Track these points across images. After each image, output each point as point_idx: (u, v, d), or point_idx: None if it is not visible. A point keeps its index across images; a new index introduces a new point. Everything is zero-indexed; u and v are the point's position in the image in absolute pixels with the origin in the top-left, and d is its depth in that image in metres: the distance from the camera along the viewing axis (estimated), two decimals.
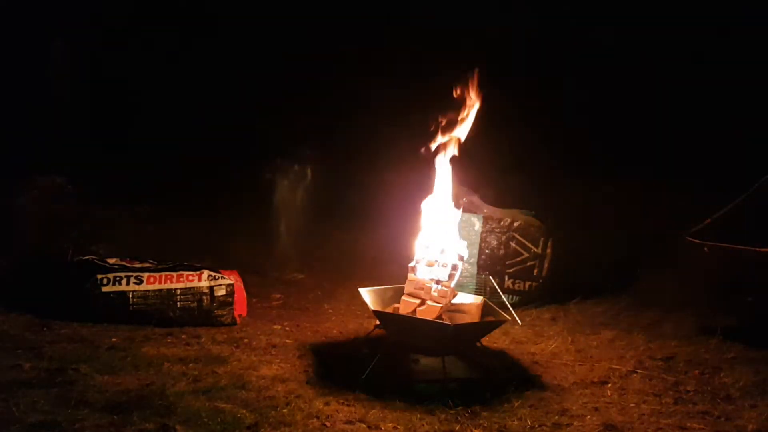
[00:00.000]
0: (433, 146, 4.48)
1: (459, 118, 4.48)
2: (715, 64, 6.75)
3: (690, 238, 4.84)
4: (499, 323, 4.19)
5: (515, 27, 7.31)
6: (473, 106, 4.48)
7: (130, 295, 4.65)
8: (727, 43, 6.77)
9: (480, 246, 5.55)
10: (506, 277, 5.56)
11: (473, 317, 4.26)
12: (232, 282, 4.85)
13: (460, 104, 4.51)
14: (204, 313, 4.74)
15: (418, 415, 3.52)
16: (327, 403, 3.61)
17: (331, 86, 7.49)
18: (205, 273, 4.83)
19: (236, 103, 7.49)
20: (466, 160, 4.57)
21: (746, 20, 6.65)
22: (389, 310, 4.24)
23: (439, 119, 4.48)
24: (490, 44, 7.09)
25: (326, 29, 7.81)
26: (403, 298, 4.17)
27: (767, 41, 6.42)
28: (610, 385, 3.99)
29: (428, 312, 4.05)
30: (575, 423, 3.50)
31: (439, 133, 4.48)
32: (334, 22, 7.83)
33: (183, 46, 7.58)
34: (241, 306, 4.94)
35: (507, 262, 5.56)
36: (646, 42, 7.14)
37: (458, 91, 4.51)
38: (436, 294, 4.09)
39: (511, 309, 4.26)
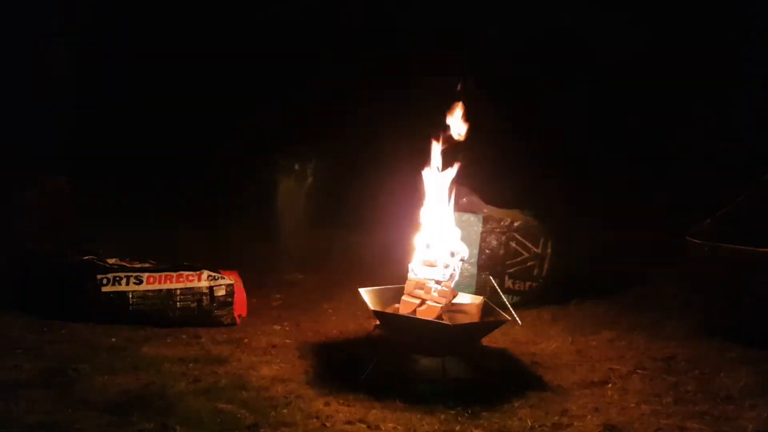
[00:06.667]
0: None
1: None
2: (714, 64, 6.76)
3: (690, 238, 4.84)
4: (499, 323, 4.19)
5: (515, 27, 7.32)
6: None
7: (130, 295, 4.65)
8: (727, 41, 6.77)
9: (480, 246, 5.55)
10: (506, 277, 5.56)
11: (473, 317, 4.26)
12: (232, 282, 4.85)
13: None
14: (204, 313, 4.74)
15: (418, 415, 3.51)
16: (327, 404, 3.60)
17: (331, 86, 7.49)
18: (205, 273, 4.83)
19: (236, 102, 7.48)
20: (466, 159, 4.56)
21: (746, 18, 6.66)
22: (389, 310, 4.24)
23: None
24: (491, 44, 7.10)
25: (326, 29, 7.81)
26: (403, 298, 4.16)
27: (766, 39, 6.43)
28: (610, 385, 3.99)
29: (428, 312, 4.05)
30: (575, 423, 3.50)
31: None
32: (333, 21, 7.84)
33: (181, 44, 7.57)
34: (241, 306, 4.94)
35: (507, 262, 5.56)
36: (645, 40, 7.14)
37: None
38: (436, 294, 4.09)
39: (511, 309, 4.26)
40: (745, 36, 6.66)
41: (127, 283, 4.68)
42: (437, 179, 4.43)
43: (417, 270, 4.21)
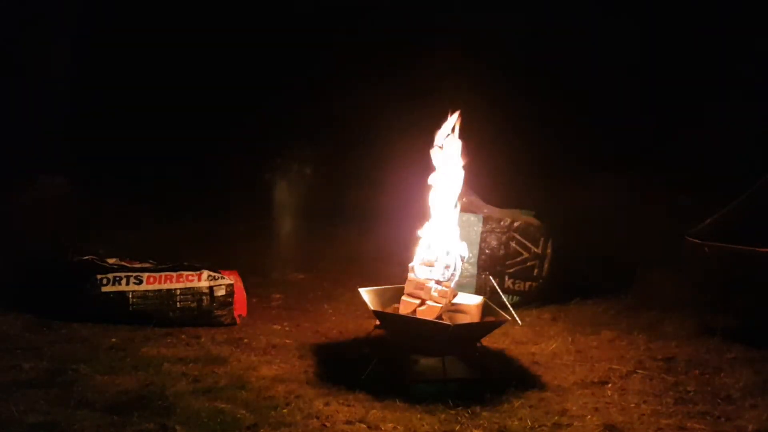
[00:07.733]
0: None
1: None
2: (714, 63, 6.76)
3: (690, 238, 4.84)
4: (499, 323, 4.19)
5: (515, 27, 7.32)
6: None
7: (130, 295, 4.65)
8: (726, 41, 6.78)
9: (480, 246, 5.55)
10: (506, 277, 5.55)
11: (473, 317, 4.26)
12: (231, 282, 4.85)
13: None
14: (204, 313, 4.74)
15: (418, 415, 3.52)
16: (327, 404, 3.60)
17: (331, 86, 7.49)
18: (205, 273, 4.83)
19: (236, 103, 7.49)
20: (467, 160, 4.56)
21: (746, 19, 6.66)
22: (389, 310, 4.24)
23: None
24: (490, 44, 7.10)
25: (325, 29, 7.81)
26: (403, 298, 4.17)
27: (766, 39, 6.43)
28: (610, 385, 3.99)
29: (428, 312, 4.05)
30: (575, 423, 3.50)
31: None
32: (333, 21, 7.84)
33: (181, 44, 7.57)
34: (241, 306, 4.94)
35: (507, 262, 5.56)
36: (645, 40, 7.14)
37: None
38: (436, 294, 4.09)
39: (511, 309, 4.26)
40: (745, 37, 6.66)
41: (127, 283, 4.68)
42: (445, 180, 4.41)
43: (417, 270, 4.21)
